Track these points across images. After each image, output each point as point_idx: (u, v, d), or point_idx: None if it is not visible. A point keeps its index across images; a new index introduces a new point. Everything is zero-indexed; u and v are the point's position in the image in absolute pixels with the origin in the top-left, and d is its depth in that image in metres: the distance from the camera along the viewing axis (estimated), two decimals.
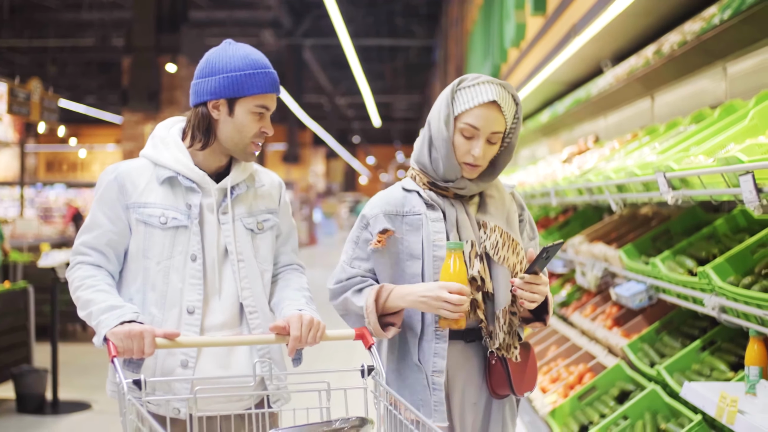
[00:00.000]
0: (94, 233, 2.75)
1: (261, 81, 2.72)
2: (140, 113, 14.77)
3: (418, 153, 2.77)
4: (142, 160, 2.83)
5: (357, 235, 2.79)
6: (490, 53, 10.07)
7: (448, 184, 2.72)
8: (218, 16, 22.58)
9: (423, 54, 30.61)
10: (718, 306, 3.33)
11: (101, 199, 2.77)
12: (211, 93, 2.72)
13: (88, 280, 2.68)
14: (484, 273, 2.66)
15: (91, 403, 7.64)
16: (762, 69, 4.21)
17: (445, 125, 2.65)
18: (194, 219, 2.75)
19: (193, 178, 2.77)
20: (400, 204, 2.75)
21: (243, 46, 2.79)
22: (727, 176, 2.92)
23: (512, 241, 2.71)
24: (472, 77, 2.70)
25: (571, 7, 5.60)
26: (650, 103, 5.95)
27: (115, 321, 2.51)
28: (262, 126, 2.76)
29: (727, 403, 2.96)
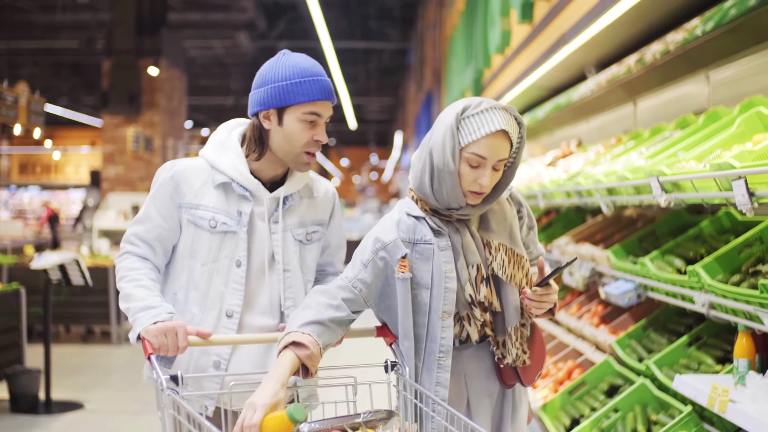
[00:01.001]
0: (145, 226, 2.83)
1: (309, 89, 2.73)
2: (120, 116, 14.84)
3: (419, 182, 2.68)
4: (201, 161, 2.88)
5: (368, 258, 2.68)
6: (473, 58, 10.23)
7: (451, 211, 2.67)
8: (193, 18, 22.55)
9: (396, 57, 30.76)
10: (707, 303, 3.51)
11: (156, 195, 2.84)
12: (261, 103, 2.76)
13: (133, 273, 2.77)
14: (491, 297, 2.67)
15: (83, 402, 7.72)
16: (744, 77, 4.40)
17: (451, 157, 2.57)
18: (243, 226, 2.81)
19: (247, 186, 2.81)
20: (412, 231, 2.69)
21: (296, 56, 2.80)
22: (719, 180, 3.10)
23: (517, 256, 2.71)
24: (475, 104, 2.61)
25: (560, 16, 5.78)
26: (633, 109, 6.14)
27: (149, 320, 2.61)
28: (313, 134, 2.77)
29: (718, 393, 3.15)
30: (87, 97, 28.64)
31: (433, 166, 2.61)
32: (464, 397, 2.72)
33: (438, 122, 2.66)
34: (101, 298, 10.67)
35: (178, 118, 16.44)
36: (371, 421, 2.37)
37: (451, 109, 2.65)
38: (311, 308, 2.62)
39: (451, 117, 2.60)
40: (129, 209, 14.10)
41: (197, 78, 27.85)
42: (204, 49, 25.22)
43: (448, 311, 2.63)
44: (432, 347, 2.64)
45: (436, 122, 2.68)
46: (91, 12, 20.16)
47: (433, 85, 17.08)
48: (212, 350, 2.80)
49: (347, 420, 2.38)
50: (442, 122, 2.63)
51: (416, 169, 2.71)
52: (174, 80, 15.91)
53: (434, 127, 2.68)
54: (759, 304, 3.01)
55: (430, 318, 2.64)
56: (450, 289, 2.63)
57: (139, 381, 8.83)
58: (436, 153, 2.60)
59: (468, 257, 2.67)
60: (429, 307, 2.64)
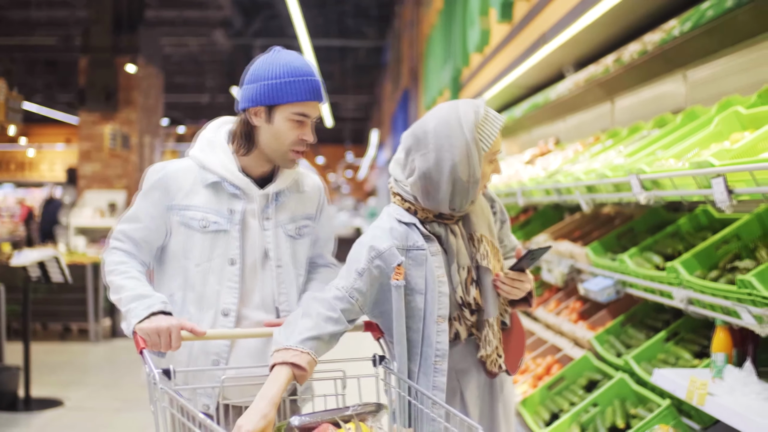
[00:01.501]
0: (132, 225, 2.86)
1: (299, 88, 2.75)
2: (97, 113, 14.79)
3: (433, 198, 2.68)
4: (189, 161, 2.89)
5: (363, 267, 2.68)
6: (452, 57, 10.28)
7: (457, 212, 2.73)
8: (168, 16, 22.45)
9: (372, 55, 30.77)
10: (686, 298, 3.58)
11: (145, 196, 2.87)
12: (251, 100, 2.78)
13: (121, 266, 2.81)
14: (479, 297, 2.74)
15: (63, 400, 7.73)
16: (721, 76, 4.47)
17: (479, 167, 2.63)
18: (236, 224, 2.82)
19: (238, 185, 2.83)
20: (405, 238, 2.71)
21: (288, 54, 2.82)
22: (698, 178, 3.17)
23: (494, 248, 2.79)
24: (475, 108, 2.67)
25: (540, 16, 5.84)
26: (610, 107, 6.21)
27: (144, 312, 2.64)
28: (301, 134, 2.79)
29: (696, 387, 3.22)
30: (62, 94, 28.46)
31: (455, 181, 2.62)
32: (457, 391, 2.78)
33: (442, 142, 2.63)
34: (79, 296, 10.66)
35: (155, 116, 16.40)
36: (361, 414, 2.42)
37: (459, 125, 2.63)
38: (311, 318, 2.62)
39: (470, 131, 2.61)
40: (106, 207, 14.07)
41: (173, 75, 27.73)
42: (180, 46, 25.13)
43: (443, 315, 2.68)
44: (428, 352, 2.67)
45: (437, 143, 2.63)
46: (68, 9, 20.06)
47: (410, 83, 17.13)
48: (211, 350, 2.81)
49: (337, 413, 2.43)
50: (455, 138, 2.62)
51: (423, 190, 2.69)
52: (151, 78, 15.87)
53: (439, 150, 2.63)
54: (737, 300, 3.08)
55: (425, 323, 2.68)
56: (443, 293, 2.68)
57: (119, 378, 8.85)
58: (461, 168, 2.61)
59: (460, 260, 2.73)
60: (424, 312, 2.68)
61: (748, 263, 3.37)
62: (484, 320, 2.75)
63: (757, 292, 2.93)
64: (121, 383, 8.64)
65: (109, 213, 13.97)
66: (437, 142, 2.64)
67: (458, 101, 2.76)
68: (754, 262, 3.38)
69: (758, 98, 3.63)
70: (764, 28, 3.95)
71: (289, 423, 2.39)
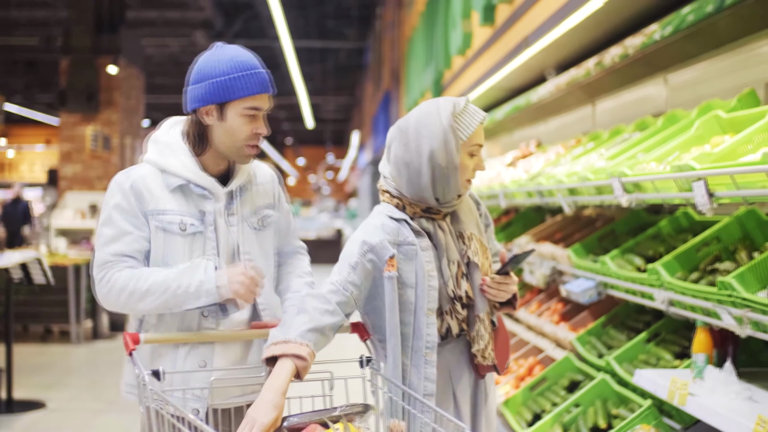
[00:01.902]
0: (123, 241, 2.75)
1: (249, 83, 2.72)
2: (78, 114, 14.75)
3: (415, 187, 2.78)
4: (148, 167, 2.82)
5: (356, 260, 2.74)
6: (434, 59, 10.32)
7: (443, 206, 2.81)
8: (149, 16, 22.38)
9: (353, 56, 30.78)
10: (667, 300, 3.63)
11: (120, 208, 2.76)
12: (200, 100, 2.74)
13: (141, 272, 2.73)
14: (470, 290, 2.81)
15: (45, 402, 7.72)
16: (702, 80, 4.53)
17: (456, 153, 2.72)
18: (210, 225, 2.80)
19: (204, 185, 2.79)
20: (396, 233, 2.77)
21: (231, 48, 2.79)
22: (680, 182, 3.22)
23: (483, 246, 2.88)
24: (457, 102, 2.77)
25: (522, 20, 5.88)
26: (591, 110, 6.26)
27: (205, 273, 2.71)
28: (255, 128, 2.77)
29: (678, 387, 3.27)
30: (42, 95, 28.32)
31: (434, 168, 2.72)
32: (450, 389, 2.82)
33: (421, 131, 2.74)
34: (60, 297, 10.62)
35: (136, 117, 16.37)
36: (349, 414, 2.45)
37: (437, 113, 2.75)
38: (308, 313, 2.66)
39: (446, 119, 2.72)
40: (87, 208, 14.02)
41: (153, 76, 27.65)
42: (160, 47, 25.07)
43: (432, 308, 2.74)
44: (418, 344, 2.73)
45: (417, 132, 2.75)
46: (49, 9, 19.97)
47: (392, 85, 17.16)
48: (197, 352, 2.80)
49: (325, 413, 2.45)
50: (433, 125, 2.73)
51: (408, 178, 2.78)
52: (132, 79, 15.85)
53: (418, 138, 2.75)
54: (717, 301, 3.13)
55: (416, 316, 2.74)
56: (433, 287, 2.74)
57: (101, 379, 8.84)
58: (439, 154, 2.71)
59: (450, 254, 2.79)
60: (414, 306, 2.74)
61: (728, 265, 3.42)
62: (476, 315, 2.82)
63: (737, 293, 2.97)
64: (103, 384, 8.63)
65: (90, 214, 13.92)
66: (417, 131, 2.76)
67: (440, 97, 2.87)
68: (734, 264, 3.42)
69: (738, 102, 3.68)
70: (744, 32, 4.01)
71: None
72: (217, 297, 2.71)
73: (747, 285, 3.04)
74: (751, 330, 2.97)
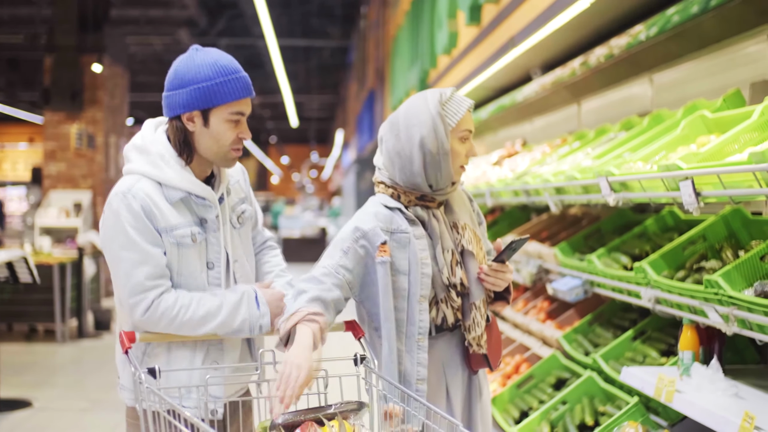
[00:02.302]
0: (151, 263, 2.68)
1: (233, 87, 2.69)
2: (62, 113, 14.72)
3: (408, 175, 2.83)
4: (146, 182, 2.73)
5: (348, 246, 2.81)
6: (419, 58, 10.35)
7: (437, 193, 2.86)
8: (132, 14, 22.31)
9: (337, 54, 30.77)
10: (653, 298, 3.67)
11: (137, 230, 2.67)
12: (183, 106, 2.69)
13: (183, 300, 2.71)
14: (465, 278, 2.86)
15: (31, 401, 7.71)
16: (687, 81, 4.57)
17: (445, 139, 2.78)
18: (212, 231, 2.79)
19: (203, 195, 2.76)
20: (389, 221, 2.83)
21: (210, 52, 2.74)
22: (667, 181, 3.26)
23: (476, 236, 2.94)
24: (443, 91, 2.87)
25: (509, 20, 5.91)
26: (577, 109, 6.30)
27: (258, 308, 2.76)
28: (239, 132, 2.74)
29: (665, 384, 3.31)
30: (24, 92, 28.17)
31: (425, 154, 2.79)
32: (443, 384, 2.87)
33: (411, 120, 2.82)
34: (46, 296, 10.60)
35: (120, 115, 16.34)
36: (344, 412, 2.47)
37: (425, 102, 2.83)
38: (306, 292, 2.74)
39: (434, 106, 2.80)
40: (71, 206, 14.00)
41: (137, 74, 27.58)
42: (144, 45, 25.00)
43: (425, 295, 2.81)
44: (411, 330, 2.81)
45: (407, 121, 2.83)
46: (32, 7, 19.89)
47: (376, 83, 17.18)
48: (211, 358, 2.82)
49: (320, 411, 2.47)
50: (421, 114, 2.81)
51: (400, 167, 2.85)
52: (116, 77, 15.82)
53: (410, 124, 2.82)
54: (704, 299, 3.17)
55: (409, 302, 2.81)
56: (426, 275, 2.81)
57: (86, 379, 8.83)
58: (429, 140, 2.78)
59: (444, 243, 2.85)
60: (408, 292, 2.81)
61: (714, 263, 3.46)
62: (471, 303, 2.87)
63: (723, 291, 3.01)
64: (89, 383, 8.62)
65: (74, 213, 13.90)
66: (407, 120, 2.83)
67: (427, 89, 2.95)
68: (720, 262, 3.46)
69: (724, 102, 3.72)
70: (729, 33, 4.05)
71: (273, 421, 2.43)
72: (257, 333, 2.75)
73: (733, 283, 3.09)
74: (737, 327, 3.01)
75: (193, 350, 2.80)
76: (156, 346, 2.81)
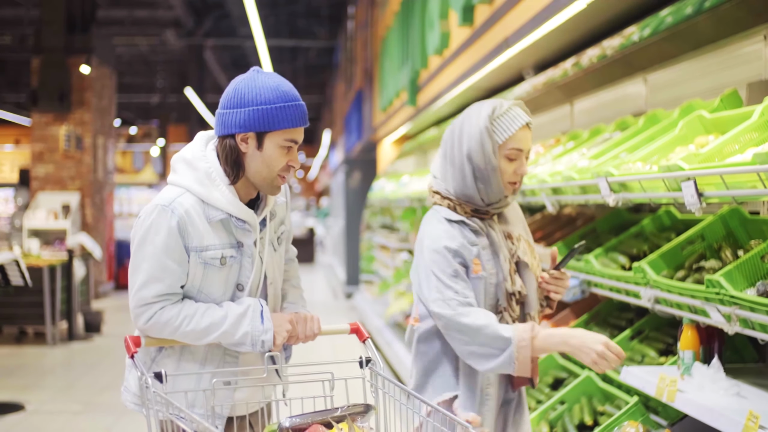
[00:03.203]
0: (166, 282, 2.68)
1: (292, 114, 2.68)
2: (50, 114, 14.67)
3: (461, 186, 2.85)
4: (190, 197, 2.72)
5: (455, 268, 2.79)
6: (409, 59, 10.34)
7: (490, 207, 2.87)
8: (118, 15, 22.25)
9: (323, 55, 30.76)
10: (653, 298, 3.68)
11: (166, 245, 2.67)
12: (240, 126, 2.66)
13: (187, 310, 2.70)
14: (523, 287, 2.89)
15: (23, 404, 7.69)
16: (682, 81, 4.58)
17: (492, 155, 2.78)
18: (248, 257, 2.77)
19: (245, 219, 2.74)
20: (460, 235, 2.83)
21: (272, 76, 2.72)
22: (668, 181, 3.27)
23: (531, 247, 2.97)
24: (498, 104, 2.84)
25: (502, 21, 5.91)
26: (569, 109, 6.30)
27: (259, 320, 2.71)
28: (289, 159, 2.72)
29: (666, 384, 3.32)
30: (10, 94, 28.09)
31: (475, 169, 2.80)
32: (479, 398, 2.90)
33: (465, 129, 2.83)
34: (36, 299, 10.57)
35: (108, 117, 16.31)
36: (352, 414, 2.47)
37: (477, 114, 2.84)
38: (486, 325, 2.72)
39: (483, 120, 2.81)
40: (59, 208, 13.94)
41: (123, 75, 27.53)
42: (130, 46, 24.96)
43: (492, 305, 2.84)
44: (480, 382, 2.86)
45: (461, 130, 2.84)
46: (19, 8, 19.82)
47: (365, 84, 17.16)
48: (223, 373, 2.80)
49: (328, 414, 2.47)
50: (473, 127, 2.82)
51: (453, 177, 2.87)
52: (104, 78, 15.78)
53: (462, 135, 2.84)
54: (705, 299, 3.18)
55: None
56: (492, 284, 2.85)
57: (77, 381, 8.81)
58: (476, 156, 2.80)
59: (500, 252, 2.87)
60: (477, 302, 2.81)
61: (713, 263, 3.48)
62: (527, 313, 2.91)
63: (725, 291, 3.02)
64: (80, 386, 8.60)
65: (62, 215, 13.85)
66: (461, 130, 2.86)
67: (490, 99, 2.94)
68: (719, 262, 3.48)
69: (721, 102, 3.73)
70: (724, 34, 4.07)
71: (280, 424, 2.43)
72: (259, 349, 2.71)
73: (734, 283, 3.10)
74: (739, 327, 3.02)
75: (202, 365, 2.80)
76: (165, 357, 2.81)
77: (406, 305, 10.17)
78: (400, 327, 9.86)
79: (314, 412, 2.48)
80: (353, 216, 17.16)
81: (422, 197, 8.71)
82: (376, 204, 14.23)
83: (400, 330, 9.80)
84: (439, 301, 2.77)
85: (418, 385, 2.96)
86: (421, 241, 2.89)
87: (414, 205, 10.01)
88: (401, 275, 11.95)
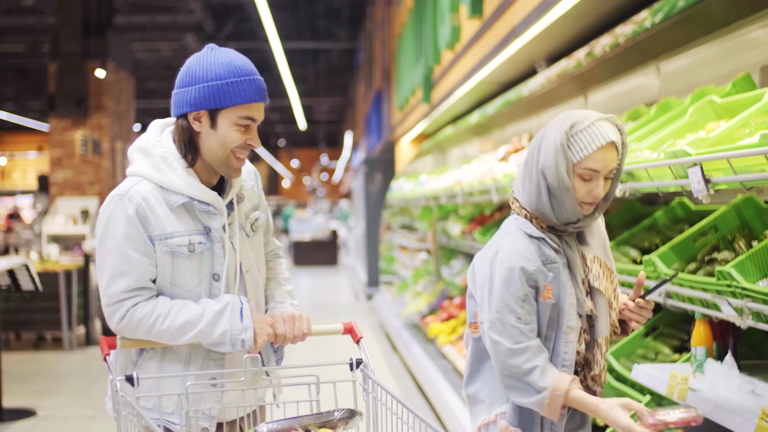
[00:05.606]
0: (133, 275, 2.57)
1: (245, 89, 2.56)
2: (68, 119, 14.66)
3: (535, 201, 2.65)
4: (146, 184, 2.61)
5: (525, 292, 2.60)
6: (423, 55, 10.24)
7: (568, 225, 2.67)
8: (139, 21, 22.33)
9: (345, 56, 30.73)
10: (664, 292, 3.53)
11: (127, 236, 2.55)
12: (191, 104, 2.57)
13: (161, 308, 2.58)
14: (594, 310, 2.70)
15: (35, 409, 7.63)
16: (695, 68, 4.43)
17: (566, 174, 2.56)
18: (217, 242, 2.64)
19: (209, 201, 2.62)
20: (540, 253, 2.64)
21: (226, 51, 2.62)
22: (675, 168, 3.12)
23: (608, 270, 2.74)
24: (581, 118, 2.60)
25: (510, 10, 5.80)
26: (583, 102, 6.17)
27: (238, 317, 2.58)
28: (247, 138, 2.60)
29: (677, 382, 3.17)
30: (33, 101, 28.25)
31: (549, 185, 2.60)
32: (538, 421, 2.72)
33: (544, 141, 2.62)
34: (52, 304, 10.53)
35: (126, 121, 16.27)
36: (333, 420, 2.34)
37: (558, 127, 2.61)
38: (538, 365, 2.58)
39: (560, 135, 2.58)
40: (78, 214, 13.92)
41: (145, 81, 27.61)
42: (152, 51, 25.02)
43: (572, 326, 2.65)
44: (555, 361, 2.65)
45: (542, 140, 2.64)
46: (37, 15, 19.88)
47: (383, 83, 17.07)
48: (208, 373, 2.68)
49: (309, 419, 2.35)
50: (549, 141, 2.60)
51: (528, 189, 2.67)
52: (122, 83, 15.74)
53: (540, 146, 2.63)
54: (716, 292, 3.03)
55: (557, 332, 2.65)
56: (572, 305, 2.65)
57: (92, 387, 8.74)
58: (550, 173, 2.58)
59: (575, 272, 2.68)
60: (558, 322, 2.64)
61: (726, 255, 3.32)
62: (595, 339, 2.72)
63: (736, 283, 2.87)
64: (95, 391, 8.54)
65: (81, 220, 13.82)
66: (540, 142, 2.64)
67: (575, 111, 2.70)
68: (733, 253, 3.32)
69: (733, 87, 3.59)
70: (736, 17, 3.92)
71: (256, 430, 2.31)
72: (240, 349, 2.58)
73: (747, 274, 2.94)
74: (752, 321, 2.87)
75: (186, 365, 2.67)
76: (147, 359, 2.69)
77: (423, 305, 10.06)
78: (417, 328, 9.75)
79: (294, 417, 2.36)
80: (373, 217, 17.08)
81: (438, 196, 8.58)
82: (395, 204, 14.14)
83: (417, 331, 9.69)
84: (497, 324, 2.59)
85: (472, 372, 2.80)
86: (495, 250, 2.68)
87: (430, 204, 9.86)
88: (420, 275, 11.85)
